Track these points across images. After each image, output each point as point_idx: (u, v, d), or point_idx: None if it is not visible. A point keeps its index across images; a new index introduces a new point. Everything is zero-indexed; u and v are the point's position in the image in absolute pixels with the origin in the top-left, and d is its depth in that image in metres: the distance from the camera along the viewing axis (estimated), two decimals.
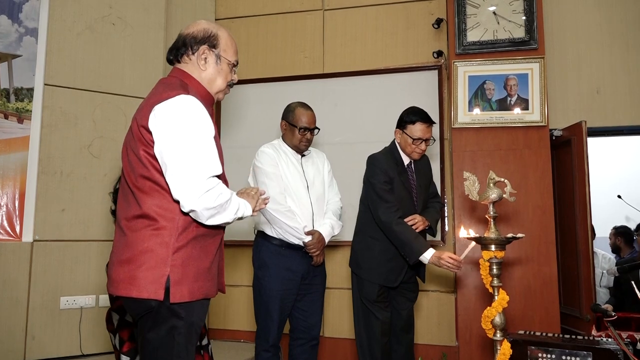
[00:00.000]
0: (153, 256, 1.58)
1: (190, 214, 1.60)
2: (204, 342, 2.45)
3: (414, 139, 2.74)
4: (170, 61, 1.82)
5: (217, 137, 1.73)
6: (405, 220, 2.69)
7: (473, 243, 2.18)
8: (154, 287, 1.56)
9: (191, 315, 1.62)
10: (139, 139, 1.63)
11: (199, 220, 1.62)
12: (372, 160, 2.82)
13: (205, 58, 1.75)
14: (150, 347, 1.61)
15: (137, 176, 1.63)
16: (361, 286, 2.80)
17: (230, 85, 1.85)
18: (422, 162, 2.94)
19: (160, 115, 1.59)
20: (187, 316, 1.61)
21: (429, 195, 2.98)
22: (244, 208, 1.72)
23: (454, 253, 3.63)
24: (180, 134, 1.57)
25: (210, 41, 1.76)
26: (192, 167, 1.55)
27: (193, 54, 1.75)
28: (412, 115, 2.77)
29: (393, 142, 2.88)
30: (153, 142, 1.60)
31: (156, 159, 1.60)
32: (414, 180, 2.85)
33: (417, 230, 2.69)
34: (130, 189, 1.66)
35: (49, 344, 3.49)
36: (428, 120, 2.77)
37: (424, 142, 2.76)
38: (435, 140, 2.88)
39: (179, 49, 1.77)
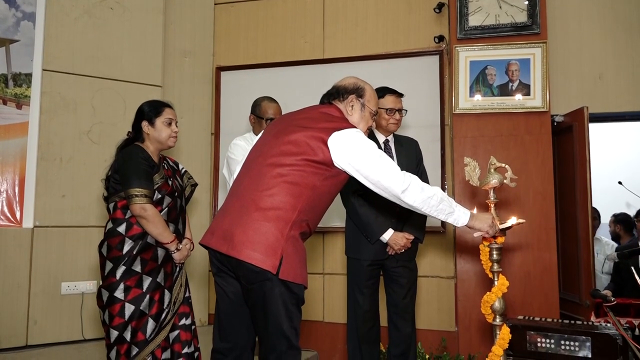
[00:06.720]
0: None
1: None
2: (186, 294, 2.50)
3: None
4: (322, 102, 2.13)
5: None
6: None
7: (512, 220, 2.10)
8: None
9: None
10: (311, 147, 1.87)
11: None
12: None
13: (352, 105, 2.06)
14: None
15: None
16: (351, 269, 2.85)
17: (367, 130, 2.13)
18: (407, 144, 2.94)
19: (342, 140, 1.87)
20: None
21: None
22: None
23: (454, 239, 3.65)
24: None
25: (358, 92, 2.07)
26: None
27: (342, 101, 2.07)
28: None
29: None
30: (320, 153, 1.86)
31: (310, 164, 1.85)
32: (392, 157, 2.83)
33: (404, 249, 2.75)
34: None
35: (51, 329, 3.51)
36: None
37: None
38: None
39: (332, 95, 2.09)
